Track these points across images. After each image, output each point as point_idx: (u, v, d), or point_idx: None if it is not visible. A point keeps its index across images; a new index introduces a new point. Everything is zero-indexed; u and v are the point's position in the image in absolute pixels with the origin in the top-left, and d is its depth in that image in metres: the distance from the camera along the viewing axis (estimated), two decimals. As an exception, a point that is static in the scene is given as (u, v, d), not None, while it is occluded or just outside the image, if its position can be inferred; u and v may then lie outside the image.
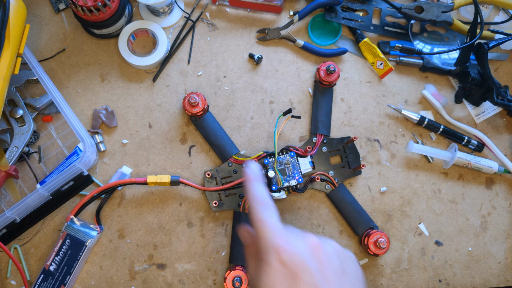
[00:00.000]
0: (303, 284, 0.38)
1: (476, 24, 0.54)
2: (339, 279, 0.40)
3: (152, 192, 0.56)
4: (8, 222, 0.51)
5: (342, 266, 0.41)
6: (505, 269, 0.57)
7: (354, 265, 0.43)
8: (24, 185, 0.55)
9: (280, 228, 0.42)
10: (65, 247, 0.52)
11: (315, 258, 0.40)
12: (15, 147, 0.53)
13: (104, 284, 0.54)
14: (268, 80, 0.59)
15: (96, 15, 0.53)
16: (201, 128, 0.56)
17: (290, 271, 0.39)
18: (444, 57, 0.60)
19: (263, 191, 0.44)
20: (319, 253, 0.41)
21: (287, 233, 0.41)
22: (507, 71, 0.61)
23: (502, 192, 0.58)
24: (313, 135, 0.57)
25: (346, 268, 0.42)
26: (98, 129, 0.57)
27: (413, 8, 0.57)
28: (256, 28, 0.60)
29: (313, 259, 0.40)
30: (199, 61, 0.59)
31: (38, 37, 0.59)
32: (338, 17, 0.59)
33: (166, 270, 0.54)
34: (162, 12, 0.59)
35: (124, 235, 0.55)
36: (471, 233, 0.57)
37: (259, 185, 0.45)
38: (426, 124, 0.58)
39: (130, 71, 0.59)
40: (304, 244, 0.41)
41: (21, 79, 0.55)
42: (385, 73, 0.59)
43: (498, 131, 0.60)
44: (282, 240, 0.40)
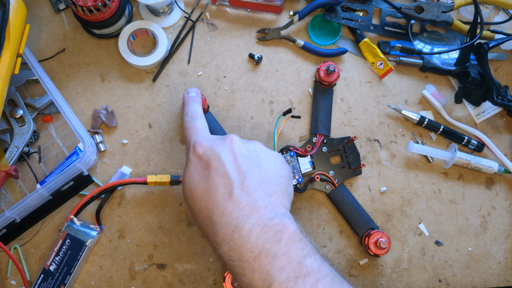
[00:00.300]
0: (214, 172, 0.41)
1: (476, 24, 0.54)
2: (250, 168, 0.41)
3: (152, 192, 0.56)
4: (8, 222, 0.51)
5: (257, 159, 0.43)
6: (505, 269, 0.57)
7: (274, 160, 0.44)
8: (24, 185, 0.55)
9: (204, 131, 0.46)
10: (65, 247, 0.52)
11: (230, 151, 0.42)
12: (15, 147, 0.53)
13: (104, 284, 0.54)
14: (268, 80, 0.59)
15: (96, 15, 0.53)
16: (201, 128, 0.56)
17: (204, 162, 0.42)
18: (444, 57, 0.60)
19: (196, 108, 0.49)
20: (235, 147, 0.43)
21: (208, 134, 0.46)
22: (507, 71, 0.61)
23: (502, 192, 0.58)
24: (313, 135, 0.57)
25: (263, 161, 0.43)
26: (98, 129, 0.57)
27: (413, 8, 0.57)
28: (256, 28, 0.60)
29: (227, 151, 0.42)
30: (199, 61, 0.59)
31: (38, 37, 0.59)
32: (338, 17, 0.59)
33: (166, 270, 0.54)
34: (162, 12, 0.59)
35: (124, 235, 0.55)
36: (471, 233, 0.57)
37: (193, 103, 0.50)
38: (426, 124, 0.58)
39: (130, 71, 0.59)
40: (221, 141, 0.44)
41: (21, 79, 0.55)
42: (385, 73, 0.59)
43: (498, 131, 0.60)
44: (201, 137, 0.45)
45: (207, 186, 0.40)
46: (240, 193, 0.39)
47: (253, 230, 0.37)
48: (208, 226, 0.40)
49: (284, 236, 0.37)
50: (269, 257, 0.36)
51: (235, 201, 0.39)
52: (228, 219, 0.38)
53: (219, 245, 0.38)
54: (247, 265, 0.36)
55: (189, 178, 0.42)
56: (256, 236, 0.37)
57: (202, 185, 0.41)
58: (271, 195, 0.41)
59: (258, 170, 0.42)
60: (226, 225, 0.38)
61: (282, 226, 0.38)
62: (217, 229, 0.38)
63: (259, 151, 0.44)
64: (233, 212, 0.38)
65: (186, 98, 0.51)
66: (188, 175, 0.43)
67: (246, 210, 0.38)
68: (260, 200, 0.39)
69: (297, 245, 0.38)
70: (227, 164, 0.41)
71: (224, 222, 0.38)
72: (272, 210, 0.39)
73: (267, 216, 0.38)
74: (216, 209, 0.39)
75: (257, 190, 0.40)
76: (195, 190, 0.41)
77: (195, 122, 0.47)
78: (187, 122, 0.47)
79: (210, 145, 0.43)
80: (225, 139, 0.44)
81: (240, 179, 0.40)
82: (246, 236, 0.37)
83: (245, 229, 0.37)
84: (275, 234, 0.37)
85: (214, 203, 0.39)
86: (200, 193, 0.41)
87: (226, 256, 0.38)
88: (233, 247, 0.37)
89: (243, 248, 0.37)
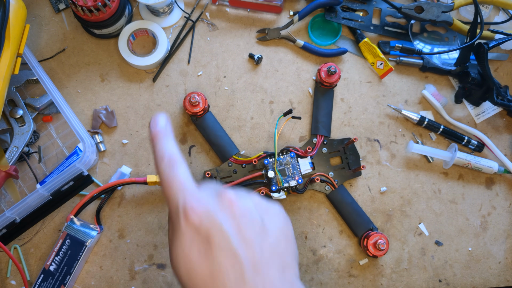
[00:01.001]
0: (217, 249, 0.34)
1: (476, 24, 0.54)
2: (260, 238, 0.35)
3: (152, 192, 0.56)
4: (8, 222, 0.51)
5: (262, 222, 0.36)
6: (505, 269, 0.57)
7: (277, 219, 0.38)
8: (24, 185, 0.55)
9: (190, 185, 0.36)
10: (65, 247, 0.52)
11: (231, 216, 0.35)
12: (15, 147, 0.53)
13: (104, 284, 0.54)
14: (268, 80, 0.59)
15: (96, 15, 0.53)
16: (202, 127, 0.56)
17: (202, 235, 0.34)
18: (444, 57, 0.60)
19: (171, 147, 0.38)
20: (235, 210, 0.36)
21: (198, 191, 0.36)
22: (507, 71, 0.61)
23: (502, 192, 0.58)
24: (313, 136, 0.57)
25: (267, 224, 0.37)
26: (98, 129, 0.57)
27: (413, 8, 0.57)
28: (256, 28, 0.60)
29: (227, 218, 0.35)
30: (199, 61, 0.59)
31: (38, 37, 0.59)
32: (338, 17, 0.59)
33: (166, 270, 0.54)
34: (162, 12, 0.59)
35: (124, 235, 0.55)
36: (471, 233, 0.57)
37: (166, 140, 0.38)
38: (426, 124, 0.58)
39: (130, 71, 0.59)
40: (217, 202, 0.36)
41: (21, 79, 0.55)
42: (385, 73, 0.59)
43: (498, 131, 0.60)
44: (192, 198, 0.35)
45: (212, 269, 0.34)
46: (253, 276, 0.34)
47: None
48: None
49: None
50: None
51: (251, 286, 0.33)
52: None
53: None
54: None
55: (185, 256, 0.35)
56: None
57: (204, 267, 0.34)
58: (285, 270, 0.35)
59: (266, 238, 0.36)
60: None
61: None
62: None
63: (261, 210, 0.37)
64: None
65: (155, 133, 0.38)
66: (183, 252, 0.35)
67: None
68: (277, 280, 0.34)
69: None
70: (232, 238, 0.34)
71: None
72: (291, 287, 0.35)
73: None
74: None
75: (270, 267, 0.35)
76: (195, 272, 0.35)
77: (176, 171, 0.36)
78: (164, 172, 0.36)
79: (206, 209, 0.35)
80: (222, 198, 0.36)
81: (250, 257, 0.34)
82: None
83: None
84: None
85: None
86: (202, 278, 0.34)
87: None
88: None
89: None
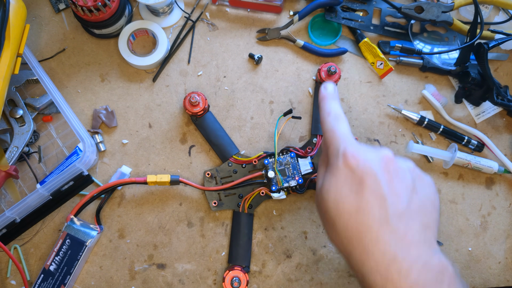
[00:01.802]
0: (368, 190, 0.37)
1: (476, 24, 0.54)
2: (407, 195, 0.38)
3: (152, 192, 0.56)
4: (8, 222, 0.51)
5: (413, 184, 0.39)
6: (505, 269, 0.57)
7: (427, 187, 0.40)
8: (24, 185, 0.55)
9: (351, 137, 0.41)
10: (65, 247, 0.52)
11: (385, 169, 0.38)
12: (15, 147, 0.53)
13: (104, 284, 0.54)
14: (268, 80, 0.59)
15: (96, 15, 0.53)
16: (202, 127, 0.56)
17: (356, 176, 0.38)
18: (444, 57, 0.60)
19: (337, 107, 0.44)
20: (390, 166, 0.38)
21: (358, 143, 0.40)
22: (507, 71, 0.61)
23: (502, 192, 0.58)
24: (313, 136, 0.57)
25: (418, 187, 0.39)
26: (98, 129, 0.57)
27: (413, 8, 0.57)
28: (256, 28, 0.60)
29: (382, 170, 0.38)
30: (199, 61, 0.59)
31: (38, 37, 0.59)
32: (338, 17, 0.59)
33: (166, 270, 0.54)
34: (162, 12, 0.59)
35: (124, 235, 0.55)
36: (471, 233, 0.57)
37: (334, 101, 0.45)
38: (426, 124, 0.58)
39: (130, 71, 0.59)
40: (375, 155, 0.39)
41: (21, 79, 0.55)
42: (385, 73, 0.59)
43: (498, 131, 0.60)
44: (352, 147, 0.39)
45: (360, 204, 0.37)
46: (397, 221, 0.36)
47: (413, 267, 0.35)
48: (356, 247, 0.37)
49: (445, 279, 0.35)
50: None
51: (393, 229, 0.36)
52: (384, 247, 0.35)
53: (370, 273, 0.36)
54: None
55: (337, 188, 0.38)
56: (417, 273, 0.34)
57: (353, 201, 0.37)
58: (426, 229, 0.37)
59: (414, 197, 0.38)
60: (381, 254, 0.35)
61: (442, 267, 0.36)
62: (368, 255, 0.36)
63: (414, 174, 0.40)
64: (390, 242, 0.35)
65: (324, 95, 0.45)
66: (335, 185, 0.38)
67: (404, 241, 0.35)
68: (417, 233, 0.36)
69: None
70: (383, 185, 0.37)
71: (379, 250, 0.35)
72: (430, 246, 0.37)
73: (426, 253, 0.36)
74: (369, 233, 0.36)
75: (414, 220, 0.37)
76: (343, 204, 0.38)
77: (340, 124, 0.42)
78: (329, 123, 0.43)
79: (365, 158, 0.38)
80: (379, 152, 0.39)
81: (396, 205, 0.37)
82: (406, 271, 0.34)
83: (404, 263, 0.35)
84: (436, 276, 0.35)
85: (368, 226, 0.36)
86: (349, 210, 0.37)
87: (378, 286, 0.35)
88: (389, 279, 0.35)
89: (403, 284, 0.34)
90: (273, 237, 0.55)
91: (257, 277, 0.54)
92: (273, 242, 0.55)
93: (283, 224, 0.56)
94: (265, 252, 0.55)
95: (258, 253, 0.55)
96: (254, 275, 0.54)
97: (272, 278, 0.54)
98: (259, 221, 0.56)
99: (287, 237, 0.55)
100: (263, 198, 0.55)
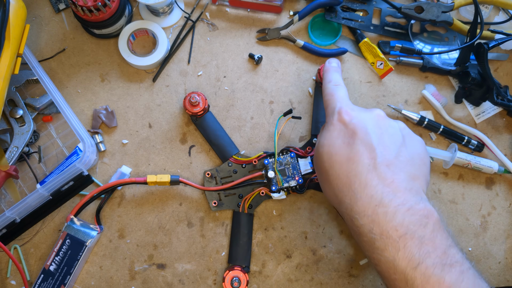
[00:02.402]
0: (359, 141, 0.40)
1: (476, 24, 0.54)
2: (396, 147, 0.40)
3: (152, 192, 0.56)
4: (8, 222, 0.51)
5: (403, 140, 0.42)
6: (505, 269, 0.57)
7: (418, 145, 0.43)
8: (24, 185, 0.55)
9: (347, 100, 0.45)
10: (65, 247, 0.52)
11: (376, 125, 0.41)
12: (15, 147, 0.53)
13: (104, 284, 0.54)
14: (268, 80, 0.59)
15: (96, 15, 0.53)
16: (202, 127, 0.56)
17: (349, 129, 0.41)
18: (444, 57, 0.60)
19: (338, 77, 0.49)
20: (381, 122, 0.42)
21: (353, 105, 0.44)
22: (507, 71, 0.61)
23: (502, 192, 0.58)
24: (313, 136, 0.57)
25: (408, 143, 0.42)
26: (98, 129, 0.57)
27: (413, 8, 0.57)
28: (256, 28, 0.60)
29: (373, 125, 0.41)
30: (199, 61, 0.59)
31: (38, 37, 0.59)
32: (338, 17, 0.59)
33: (166, 270, 0.54)
34: (162, 12, 0.59)
35: (124, 235, 0.55)
36: (471, 233, 0.57)
37: (336, 73, 0.50)
38: (426, 124, 0.58)
39: (130, 71, 0.59)
40: (368, 113, 0.43)
41: (21, 79, 0.55)
42: (385, 73, 0.59)
43: (498, 131, 0.60)
44: (347, 106, 0.43)
45: (350, 154, 0.40)
46: (385, 169, 0.39)
47: (398, 210, 0.37)
48: (346, 194, 0.39)
49: (430, 222, 0.37)
50: (415, 240, 0.36)
51: (380, 176, 0.38)
52: (371, 192, 0.38)
53: (358, 215, 0.38)
54: (390, 241, 0.36)
55: (331, 142, 0.42)
56: (402, 216, 0.37)
57: (344, 151, 0.40)
58: (414, 179, 0.40)
59: (403, 151, 0.41)
60: (369, 197, 0.38)
61: (427, 212, 0.37)
62: (357, 199, 0.38)
63: (404, 132, 0.43)
64: (377, 186, 0.38)
65: (328, 67, 0.51)
66: (329, 139, 0.42)
67: (391, 187, 0.38)
68: (405, 182, 0.39)
69: (441, 233, 0.37)
70: (372, 137, 0.40)
71: (367, 194, 0.38)
72: (416, 194, 0.39)
73: (412, 199, 0.38)
74: (358, 179, 0.39)
75: (402, 170, 0.39)
76: (335, 155, 0.41)
77: (338, 89, 0.47)
78: (330, 88, 0.47)
79: (357, 114, 0.42)
80: (372, 112, 0.43)
81: (385, 156, 0.39)
82: (392, 213, 0.37)
83: (390, 206, 0.37)
84: (420, 219, 0.37)
85: (357, 173, 0.39)
86: (340, 159, 0.40)
87: (366, 228, 0.38)
88: (375, 221, 0.37)
89: (388, 225, 0.37)
90: (273, 237, 0.55)
91: (257, 277, 0.54)
92: (273, 242, 0.55)
93: (283, 224, 0.56)
94: (265, 252, 0.55)
95: (258, 253, 0.55)
96: (254, 275, 0.54)
97: (272, 278, 0.54)
98: (259, 221, 0.56)
99: (287, 237, 0.55)
100: (263, 198, 0.55)
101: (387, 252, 0.37)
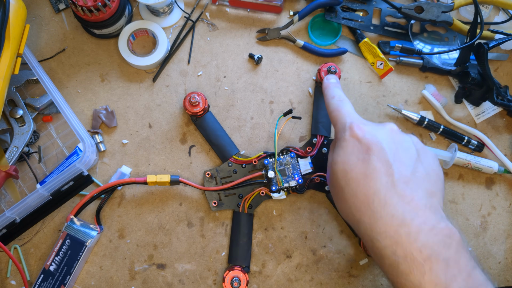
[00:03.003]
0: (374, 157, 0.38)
1: (476, 24, 0.54)
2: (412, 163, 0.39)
3: (152, 192, 0.56)
4: (8, 222, 0.51)
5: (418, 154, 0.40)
6: (505, 269, 0.57)
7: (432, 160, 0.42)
8: (24, 185, 0.55)
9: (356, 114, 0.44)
10: (65, 247, 0.52)
11: (391, 139, 0.40)
12: (15, 147, 0.53)
13: (104, 284, 0.54)
14: (268, 80, 0.59)
15: (96, 15, 0.53)
16: (202, 128, 0.56)
17: (363, 145, 0.39)
18: (444, 57, 0.60)
19: (340, 92, 0.48)
20: (395, 137, 0.41)
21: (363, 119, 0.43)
22: (507, 71, 0.61)
23: (502, 192, 0.58)
24: (313, 136, 0.57)
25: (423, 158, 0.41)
26: (98, 129, 0.57)
27: (413, 8, 0.57)
28: (256, 28, 0.60)
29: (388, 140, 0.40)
30: (199, 61, 0.59)
31: (38, 37, 0.59)
32: (338, 17, 0.59)
33: (166, 270, 0.54)
34: (162, 12, 0.59)
35: (124, 235, 0.55)
36: (471, 233, 0.57)
37: (337, 88, 0.49)
38: (426, 124, 0.58)
39: (130, 71, 0.59)
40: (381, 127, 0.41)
41: (21, 79, 0.55)
42: (385, 73, 0.59)
43: (498, 131, 0.60)
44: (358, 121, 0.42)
45: (367, 171, 0.38)
46: (404, 186, 0.37)
47: (421, 230, 0.35)
48: (365, 213, 0.37)
49: (453, 243, 0.35)
50: (441, 263, 0.34)
51: (399, 193, 0.37)
52: (392, 211, 0.36)
53: (380, 236, 0.36)
54: (415, 264, 0.34)
55: (345, 158, 0.40)
56: (425, 236, 0.35)
57: (360, 168, 0.38)
58: (432, 196, 0.38)
59: (418, 166, 0.39)
60: (390, 216, 0.36)
61: (449, 232, 0.36)
62: (376, 219, 0.36)
63: (418, 146, 0.41)
64: (398, 205, 0.36)
65: (328, 84, 0.50)
66: (343, 156, 0.40)
67: (411, 205, 0.36)
68: (424, 199, 0.37)
69: (464, 254, 0.36)
70: (388, 153, 0.38)
71: (388, 213, 0.36)
72: (436, 211, 0.37)
73: (433, 217, 0.36)
74: (377, 197, 0.37)
75: (419, 187, 0.38)
76: (351, 172, 0.39)
77: (344, 104, 0.45)
78: (335, 104, 0.46)
79: (370, 129, 0.40)
80: (385, 126, 0.42)
81: (402, 172, 0.38)
82: (415, 234, 0.35)
83: (413, 226, 0.35)
84: (444, 239, 0.35)
85: (375, 191, 0.37)
86: (357, 177, 0.38)
87: (388, 250, 0.36)
88: (398, 242, 0.35)
89: (412, 247, 0.35)
90: (273, 237, 0.55)
91: (257, 277, 0.54)
92: (273, 242, 0.55)
93: (283, 224, 0.56)
94: (265, 252, 0.55)
95: (258, 253, 0.55)
96: (254, 275, 0.54)
97: (272, 278, 0.54)
98: (259, 221, 0.56)
99: (287, 237, 0.55)
100: (263, 198, 0.55)
101: (412, 276, 0.35)
